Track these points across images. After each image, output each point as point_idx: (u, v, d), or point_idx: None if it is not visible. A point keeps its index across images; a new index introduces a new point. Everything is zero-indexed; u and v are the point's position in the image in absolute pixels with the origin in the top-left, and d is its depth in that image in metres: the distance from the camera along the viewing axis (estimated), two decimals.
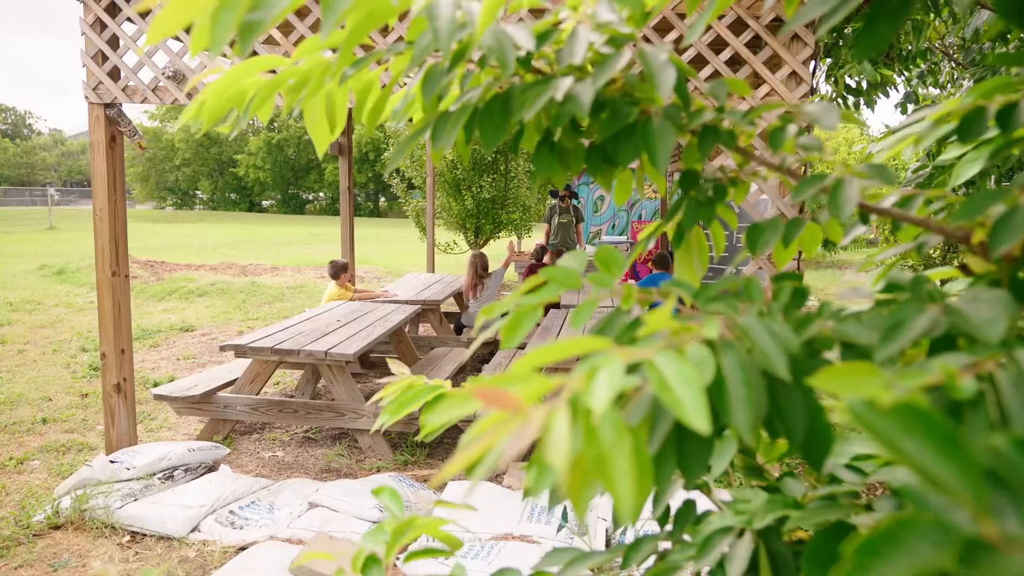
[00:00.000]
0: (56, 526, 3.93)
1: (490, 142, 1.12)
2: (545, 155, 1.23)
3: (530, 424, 0.60)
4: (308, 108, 1.34)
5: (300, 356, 4.96)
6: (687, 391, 0.65)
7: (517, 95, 1.12)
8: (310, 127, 1.33)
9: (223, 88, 1.32)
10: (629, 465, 0.62)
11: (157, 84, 4.47)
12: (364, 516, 3.82)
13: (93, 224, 4.70)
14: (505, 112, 1.14)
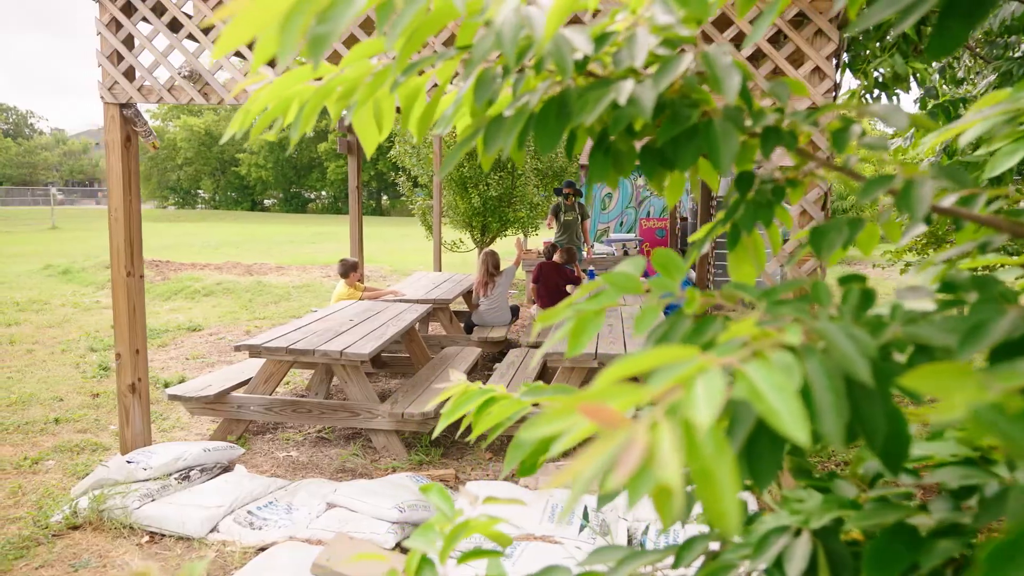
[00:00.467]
0: (75, 526, 3.92)
1: (546, 146, 1.11)
2: (600, 159, 1.22)
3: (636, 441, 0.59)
4: (357, 112, 1.33)
5: (315, 356, 4.95)
6: (782, 400, 0.64)
7: (575, 99, 1.11)
8: (359, 130, 1.33)
9: (272, 96, 1.31)
10: (732, 479, 0.61)
11: (173, 84, 4.46)
12: (383, 516, 3.81)
13: (108, 224, 4.69)
14: (561, 116, 1.13)
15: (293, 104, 1.31)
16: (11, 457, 5.03)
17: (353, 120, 1.33)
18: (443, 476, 4.72)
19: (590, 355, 4.81)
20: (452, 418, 1.30)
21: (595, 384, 0.68)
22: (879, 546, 0.94)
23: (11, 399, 6.38)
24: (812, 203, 4.04)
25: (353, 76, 1.30)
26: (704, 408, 0.61)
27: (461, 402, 1.34)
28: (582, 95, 1.10)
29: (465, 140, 1.25)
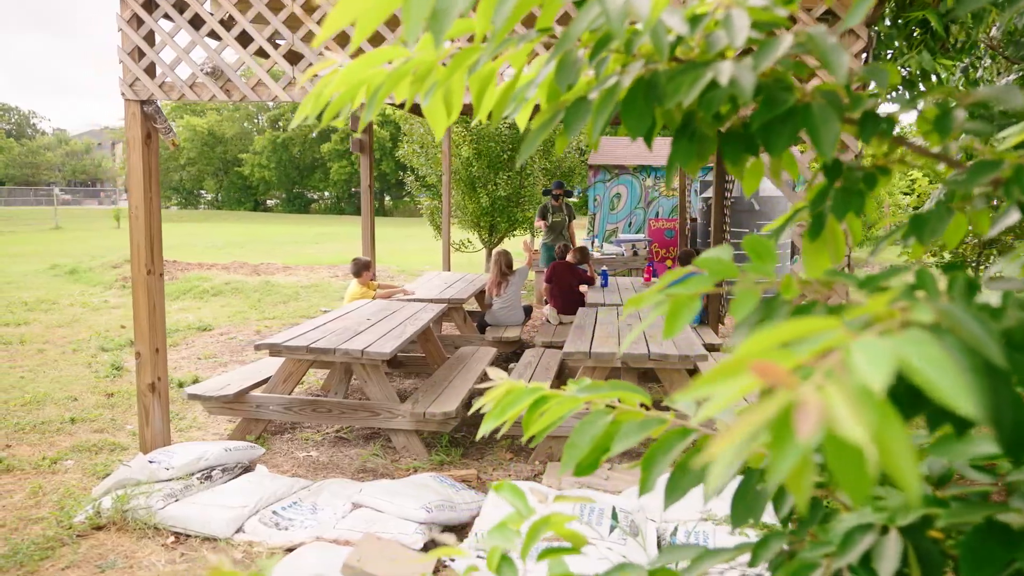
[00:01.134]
0: (98, 526, 3.88)
1: (635, 129, 1.08)
2: (684, 144, 1.18)
3: (809, 402, 0.57)
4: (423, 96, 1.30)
5: (336, 355, 4.91)
6: (942, 373, 0.61)
7: (665, 81, 1.07)
8: (428, 114, 1.30)
9: (344, 81, 1.28)
10: (908, 443, 0.59)
11: (195, 80, 4.42)
12: (410, 517, 3.77)
13: (128, 222, 4.66)
14: (649, 99, 1.09)
15: (364, 88, 1.28)
16: (29, 457, 5.00)
17: (423, 104, 1.30)
18: (465, 476, 4.68)
19: (613, 354, 4.77)
20: (500, 419, 1.26)
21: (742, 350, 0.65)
22: (972, 544, 0.90)
23: (25, 399, 6.35)
24: None
25: (427, 59, 1.27)
26: (874, 371, 0.59)
27: (508, 402, 1.30)
28: (674, 77, 1.06)
29: (543, 124, 1.22)
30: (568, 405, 1.28)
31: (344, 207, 51.34)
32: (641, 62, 1.12)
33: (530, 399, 1.33)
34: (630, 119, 1.09)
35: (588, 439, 1.23)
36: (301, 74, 4.31)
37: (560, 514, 1.40)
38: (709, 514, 3.89)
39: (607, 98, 1.09)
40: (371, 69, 1.25)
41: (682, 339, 5.18)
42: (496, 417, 1.32)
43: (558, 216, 10.79)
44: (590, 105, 1.16)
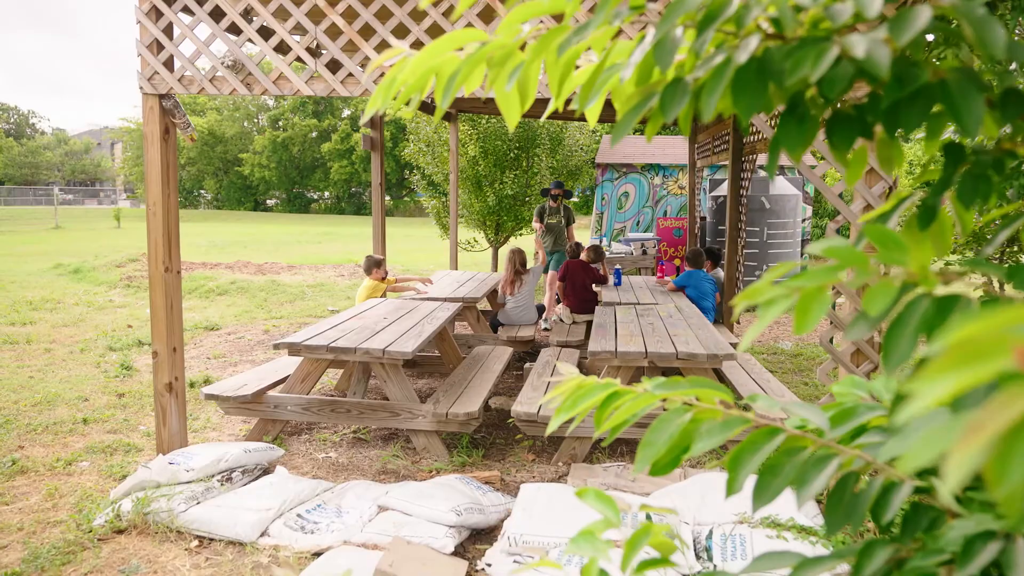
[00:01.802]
0: (119, 530, 3.79)
1: (748, 109, 1.00)
2: (792, 127, 1.09)
3: None
4: (499, 83, 1.22)
5: (356, 354, 4.82)
6: None
7: (780, 58, 0.99)
8: (500, 102, 1.22)
9: (417, 68, 1.20)
10: None
11: (215, 74, 4.33)
12: (440, 520, 3.68)
13: (146, 218, 4.57)
14: (763, 77, 1.01)
15: (446, 72, 1.20)
16: (43, 458, 4.90)
17: (495, 91, 1.21)
18: (488, 478, 4.59)
19: (640, 353, 4.68)
20: (571, 413, 1.20)
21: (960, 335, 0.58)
22: None
23: (36, 399, 6.25)
24: (877, 197, 3.92)
25: (504, 43, 1.19)
26: None
27: (579, 396, 1.22)
28: (793, 53, 0.98)
29: (635, 108, 1.14)
30: (643, 402, 1.21)
31: (345, 207, 51.22)
32: (758, 36, 1.03)
33: (602, 395, 1.25)
34: (743, 99, 1.01)
35: (665, 438, 1.15)
36: (323, 68, 4.22)
37: (659, 524, 1.30)
38: (744, 516, 3.81)
39: (717, 77, 1.01)
40: (444, 55, 1.17)
41: (708, 337, 5.10)
42: (567, 411, 1.24)
43: (555, 218, 10.31)
44: (687, 86, 1.08)
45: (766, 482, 1.04)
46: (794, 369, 7.75)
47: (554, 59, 1.18)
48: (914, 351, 0.90)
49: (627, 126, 1.16)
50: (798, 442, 1.09)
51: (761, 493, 1.04)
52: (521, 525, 3.53)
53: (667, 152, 13.70)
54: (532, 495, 3.80)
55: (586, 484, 4.49)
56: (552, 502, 3.71)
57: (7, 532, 3.83)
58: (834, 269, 0.95)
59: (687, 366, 4.69)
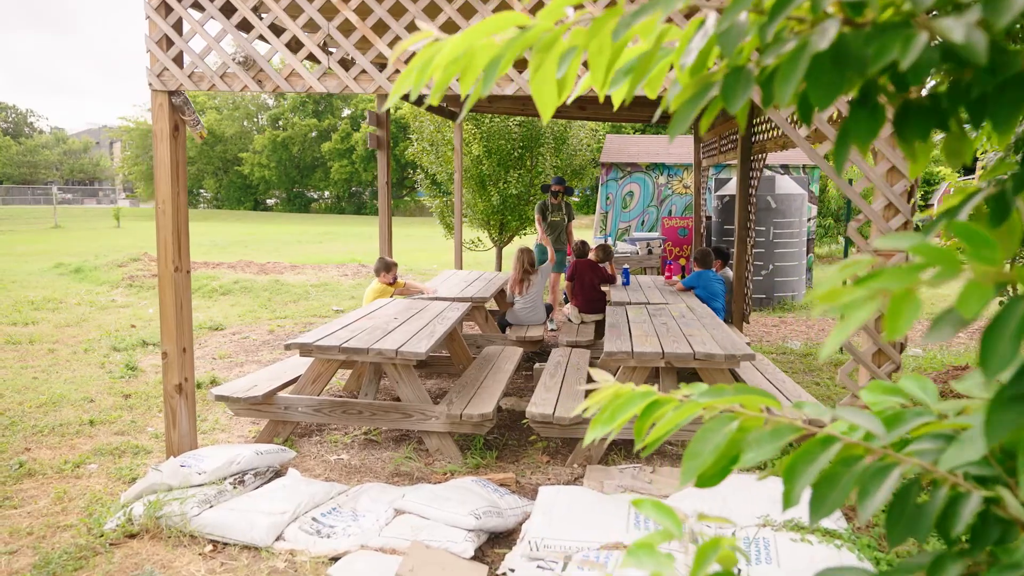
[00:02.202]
0: (131, 534, 3.72)
1: (824, 98, 0.94)
2: (864, 118, 1.03)
3: None
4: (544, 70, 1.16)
5: (369, 355, 4.75)
6: None
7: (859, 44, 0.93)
8: (537, 92, 1.15)
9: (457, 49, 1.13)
10: None
11: (226, 70, 4.26)
12: (458, 524, 3.62)
13: (155, 217, 4.50)
14: (840, 64, 0.95)
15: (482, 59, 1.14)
16: (51, 461, 4.83)
17: (533, 80, 1.15)
18: (504, 480, 4.53)
19: (657, 353, 4.62)
20: (610, 425, 1.13)
21: None
22: None
23: (41, 400, 6.18)
24: (899, 195, 3.86)
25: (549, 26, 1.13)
26: None
27: (618, 406, 1.16)
28: (875, 38, 0.92)
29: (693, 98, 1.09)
30: (687, 411, 1.15)
31: (345, 207, 51.13)
32: (837, 20, 0.97)
33: (642, 404, 1.19)
34: (818, 88, 0.95)
35: (711, 448, 1.10)
36: (336, 64, 4.15)
37: (728, 537, 1.24)
38: (767, 519, 3.74)
39: (792, 64, 0.95)
40: (482, 40, 1.11)
41: (724, 337, 5.03)
42: (606, 423, 1.18)
43: (557, 216, 10.03)
44: (750, 75, 1.03)
45: (823, 494, 0.99)
46: (804, 369, 7.69)
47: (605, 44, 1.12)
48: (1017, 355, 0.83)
49: (687, 118, 1.10)
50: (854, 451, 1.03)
51: (819, 506, 0.99)
52: (542, 529, 3.47)
53: (671, 151, 13.64)
54: (551, 498, 3.73)
55: (602, 486, 4.43)
56: (572, 505, 3.64)
57: (17, 536, 3.76)
58: (917, 268, 0.89)
59: (704, 367, 4.63)
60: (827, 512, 0.99)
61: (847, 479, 0.99)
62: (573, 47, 1.12)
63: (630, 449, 5.07)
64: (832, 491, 0.99)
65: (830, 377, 7.32)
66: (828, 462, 1.01)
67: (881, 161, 3.83)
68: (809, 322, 10.49)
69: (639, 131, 31.17)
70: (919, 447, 1.03)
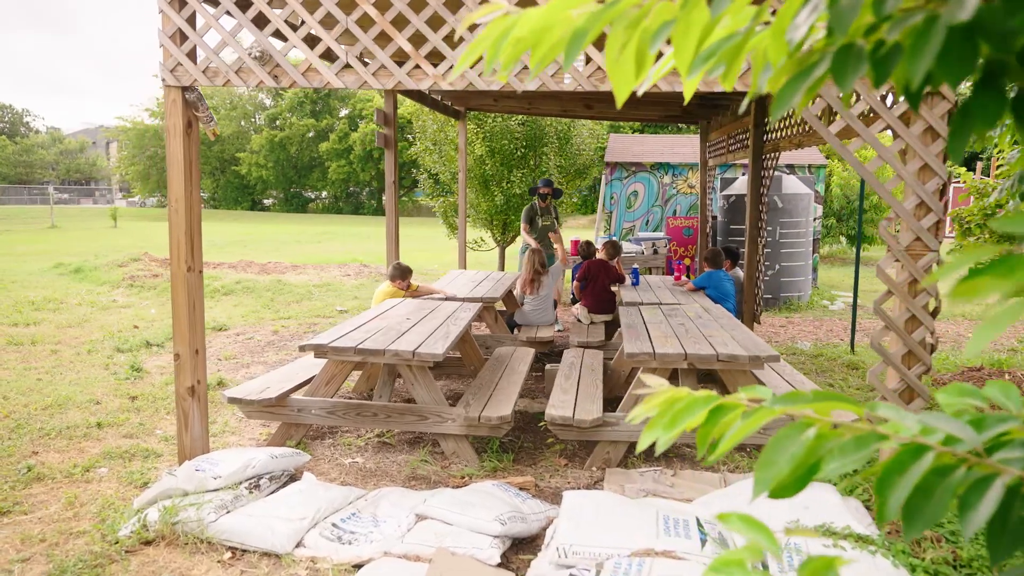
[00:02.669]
0: (147, 541, 3.63)
1: (955, 76, 0.87)
2: (990, 102, 0.95)
3: None
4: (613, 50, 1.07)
5: (386, 356, 4.66)
6: None
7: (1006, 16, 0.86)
8: (612, 72, 1.06)
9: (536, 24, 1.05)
10: None
11: (241, 65, 4.17)
12: (483, 530, 3.53)
13: (168, 215, 4.41)
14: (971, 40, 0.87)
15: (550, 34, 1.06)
16: (59, 464, 4.74)
17: (608, 59, 1.06)
18: (523, 484, 4.44)
19: (680, 355, 4.54)
20: (671, 432, 1.02)
21: None
22: None
23: (46, 402, 6.08)
24: (931, 193, 3.78)
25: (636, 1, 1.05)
26: None
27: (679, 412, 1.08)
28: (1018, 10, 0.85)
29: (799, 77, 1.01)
30: (759, 418, 1.07)
31: (342, 207, 50.97)
32: None
33: (705, 410, 1.11)
34: (948, 65, 0.87)
35: (788, 457, 1.01)
36: (355, 59, 4.06)
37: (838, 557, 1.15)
38: (797, 524, 3.66)
39: (924, 39, 0.88)
40: (565, 12, 1.03)
41: (745, 338, 4.96)
42: (666, 428, 1.10)
43: (547, 219, 9.68)
44: (862, 51, 0.95)
45: (918, 507, 0.92)
46: (816, 370, 7.61)
47: (695, 21, 1.04)
48: None
49: (790, 98, 1.03)
50: (946, 460, 0.95)
51: (914, 521, 0.92)
52: (570, 535, 3.38)
53: (676, 151, 13.57)
54: (578, 503, 3.64)
55: (623, 489, 4.34)
56: (600, 510, 3.56)
57: (29, 543, 3.67)
58: None
59: (727, 368, 4.55)
60: (923, 528, 0.91)
61: (942, 491, 0.92)
62: (667, 22, 1.04)
63: (650, 452, 4.99)
64: (928, 504, 0.92)
65: (843, 378, 7.25)
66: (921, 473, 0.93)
67: (913, 159, 3.75)
68: (816, 322, 10.42)
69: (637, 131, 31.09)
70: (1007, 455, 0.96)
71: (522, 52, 1.08)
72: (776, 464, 0.99)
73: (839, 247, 20.05)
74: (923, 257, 3.82)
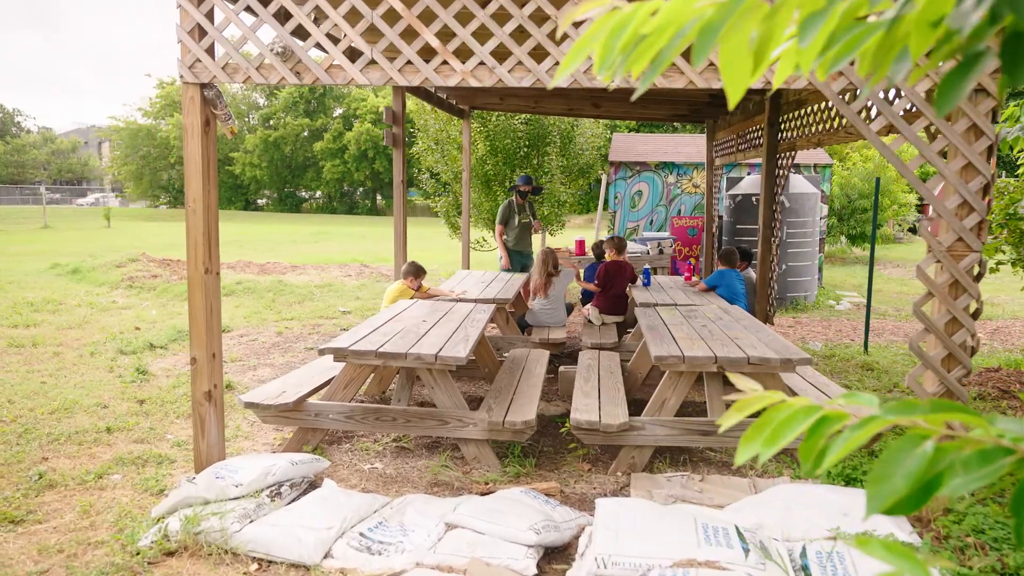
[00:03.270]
0: (169, 552, 3.51)
1: None
2: None
3: None
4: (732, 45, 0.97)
5: (407, 360, 4.55)
6: None
7: None
8: (726, 68, 0.96)
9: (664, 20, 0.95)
10: None
11: (262, 62, 4.06)
12: (517, 539, 3.43)
13: (185, 215, 4.29)
14: None
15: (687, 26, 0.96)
16: (71, 471, 4.61)
17: (722, 56, 0.96)
18: (549, 490, 4.34)
19: (709, 358, 4.44)
20: (773, 446, 0.93)
21: None
22: None
23: (52, 406, 5.94)
24: (974, 192, 3.69)
25: None
26: None
27: (783, 423, 0.98)
28: None
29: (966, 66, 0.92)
30: (873, 428, 0.97)
31: (336, 206, 50.77)
32: None
33: (810, 420, 1.01)
34: None
35: (904, 473, 0.93)
36: (381, 54, 3.95)
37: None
38: (838, 532, 3.57)
39: None
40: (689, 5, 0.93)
41: (772, 340, 4.87)
42: (767, 444, 1.00)
43: (525, 218, 9.64)
44: None
45: None
46: (830, 371, 7.53)
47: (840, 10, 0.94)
48: None
49: (957, 92, 0.93)
50: None
51: None
52: (608, 544, 3.28)
53: (680, 150, 13.49)
54: (613, 511, 3.54)
55: (651, 495, 4.25)
56: (637, 519, 3.46)
57: (47, 555, 3.54)
58: None
59: (757, 372, 4.46)
60: None
61: None
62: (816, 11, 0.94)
63: (675, 456, 4.90)
64: None
65: (859, 380, 7.17)
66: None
67: (955, 158, 3.67)
68: (825, 323, 10.35)
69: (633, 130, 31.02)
70: None
71: (656, 50, 0.98)
72: (891, 480, 0.91)
73: (839, 247, 20.01)
74: (965, 258, 3.74)
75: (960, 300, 3.77)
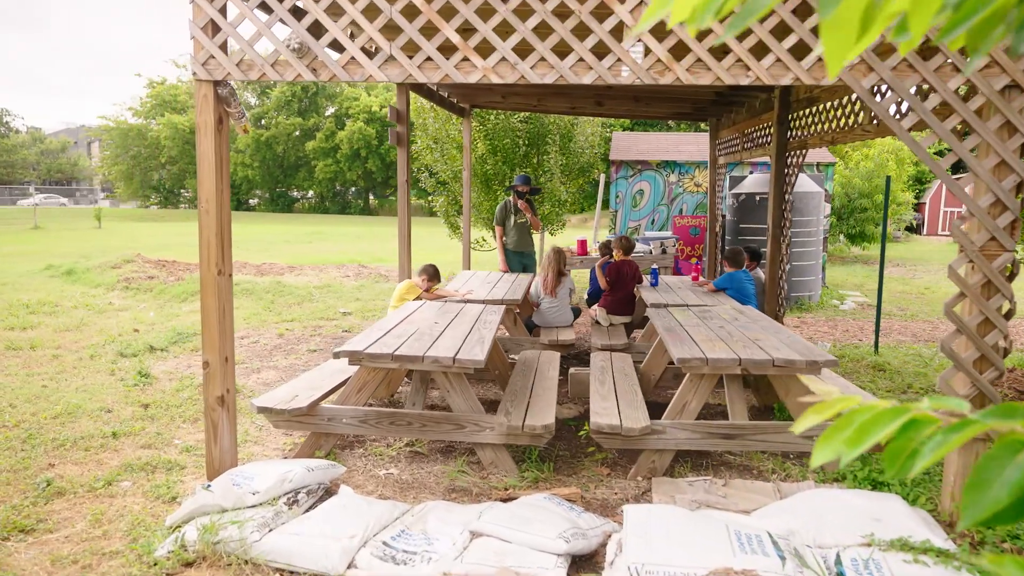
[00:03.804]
0: (187, 563, 3.41)
1: None
2: None
3: None
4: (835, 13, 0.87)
5: (424, 363, 4.46)
6: None
7: None
8: (826, 36, 0.86)
9: None
10: None
11: (278, 58, 3.95)
12: (546, 548, 3.34)
13: (198, 216, 4.18)
14: None
15: None
16: (79, 478, 4.50)
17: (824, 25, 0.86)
18: (570, 495, 4.25)
19: (733, 360, 4.36)
20: (855, 448, 0.87)
21: None
22: None
23: (55, 410, 5.82)
24: (1007, 192, 3.63)
25: None
26: None
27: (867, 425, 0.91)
28: None
29: None
30: (969, 433, 0.91)
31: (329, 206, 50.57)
32: None
33: (898, 422, 0.94)
34: None
35: (1005, 483, 0.85)
36: (399, 51, 3.86)
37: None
38: (872, 538, 3.49)
39: None
40: None
41: (794, 341, 4.79)
42: (850, 445, 0.93)
43: (522, 218, 9.61)
44: None
45: None
46: (841, 372, 7.46)
47: None
48: None
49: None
50: None
51: None
52: (640, 553, 3.19)
53: (682, 149, 13.42)
54: (643, 518, 3.46)
55: (674, 500, 4.17)
56: (669, 526, 3.37)
57: (60, 565, 3.43)
58: None
59: (782, 374, 4.38)
60: None
61: None
62: None
63: (696, 460, 4.82)
64: None
65: (871, 380, 7.11)
66: None
67: (989, 155, 3.60)
68: (831, 323, 10.30)
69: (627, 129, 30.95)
70: None
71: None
72: (990, 489, 0.85)
73: (838, 246, 20.00)
74: (998, 257, 3.67)
75: (993, 300, 3.70)
